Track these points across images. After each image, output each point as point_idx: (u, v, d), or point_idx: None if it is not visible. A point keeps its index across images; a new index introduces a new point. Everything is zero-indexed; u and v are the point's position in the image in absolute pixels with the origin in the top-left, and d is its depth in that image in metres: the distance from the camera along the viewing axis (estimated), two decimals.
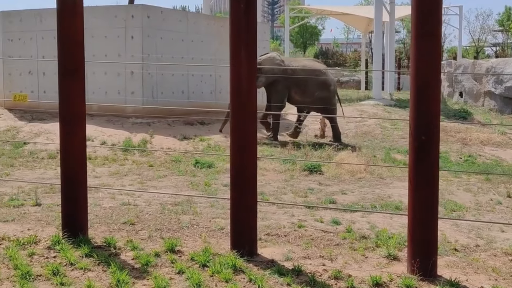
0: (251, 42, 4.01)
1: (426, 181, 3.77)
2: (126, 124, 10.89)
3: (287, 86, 11.24)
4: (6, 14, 12.85)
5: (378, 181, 7.67)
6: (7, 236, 4.45)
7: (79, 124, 4.41)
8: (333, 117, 11.25)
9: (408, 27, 60.02)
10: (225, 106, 11.52)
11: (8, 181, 6.85)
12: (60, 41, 4.35)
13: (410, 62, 3.78)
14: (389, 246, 4.36)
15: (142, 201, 5.94)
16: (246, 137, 4.05)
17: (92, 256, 3.93)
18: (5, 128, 10.66)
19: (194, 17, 13.66)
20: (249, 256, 4.00)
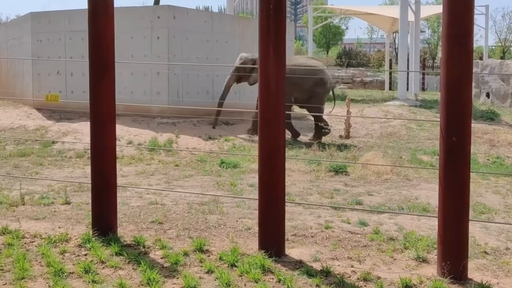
0: (280, 42, 4.02)
1: (457, 183, 3.73)
2: (152, 124, 10.98)
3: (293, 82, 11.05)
4: (35, 15, 13.08)
5: (405, 182, 7.60)
6: (38, 233, 4.53)
7: (109, 124, 4.47)
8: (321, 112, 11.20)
9: (433, 27, 59.36)
10: (249, 107, 11.56)
11: (38, 180, 6.97)
12: (91, 42, 4.41)
13: (441, 62, 3.74)
14: (418, 248, 4.33)
15: (169, 200, 5.99)
16: (274, 137, 4.06)
17: (122, 255, 3.98)
18: (34, 128, 10.84)
19: (218, 17, 13.73)
20: (277, 257, 4.01)
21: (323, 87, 11.24)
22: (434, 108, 16.28)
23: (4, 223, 4.79)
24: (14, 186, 6.58)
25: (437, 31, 60.36)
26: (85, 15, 12.72)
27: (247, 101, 12.68)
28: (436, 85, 32.85)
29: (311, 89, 11.12)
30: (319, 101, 11.23)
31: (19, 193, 5.94)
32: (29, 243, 4.32)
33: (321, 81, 11.20)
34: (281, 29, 4.01)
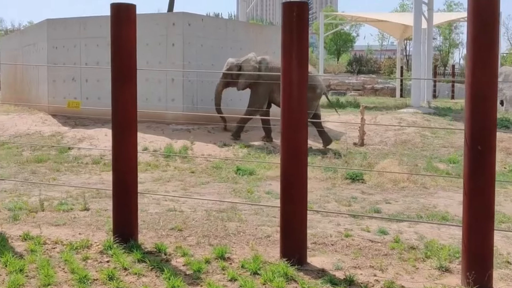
0: (303, 49, 4.02)
1: (481, 192, 3.69)
2: (167, 131, 11.02)
3: (270, 88, 10.96)
4: (51, 22, 13.19)
5: (422, 190, 7.55)
6: (60, 240, 4.55)
7: (131, 130, 4.48)
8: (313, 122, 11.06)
9: (444, 34, 59.21)
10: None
11: (56, 186, 7.00)
12: (114, 48, 4.43)
13: (466, 70, 3.72)
14: (440, 258, 4.29)
15: (187, 207, 5.99)
16: (296, 144, 4.05)
17: (144, 262, 3.98)
18: (50, 134, 10.91)
19: (233, 24, 13.77)
20: (299, 265, 3.99)
21: (311, 92, 10.85)
22: (448, 116, 16.20)
23: (25, 229, 4.82)
24: (32, 192, 6.62)
25: (448, 38, 60.21)
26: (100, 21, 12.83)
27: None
28: (447, 92, 32.69)
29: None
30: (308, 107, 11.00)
31: (38, 199, 5.98)
32: (51, 250, 4.34)
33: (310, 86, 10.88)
34: (304, 36, 4.01)
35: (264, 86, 10.95)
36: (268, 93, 11.04)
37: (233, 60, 11.28)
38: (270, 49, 13.77)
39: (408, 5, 57.19)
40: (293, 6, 3.97)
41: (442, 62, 57.25)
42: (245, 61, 11.16)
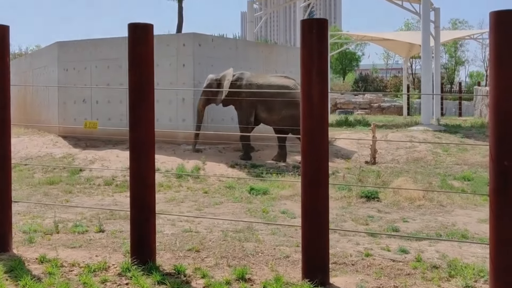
0: (323, 67, 3.98)
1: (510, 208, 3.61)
2: (178, 151, 10.99)
3: (252, 104, 10.79)
4: (61, 44, 13.29)
5: (439, 208, 7.45)
6: (77, 262, 4.48)
7: (148, 151, 4.44)
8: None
9: (450, 52, 59.36)
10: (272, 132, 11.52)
11: (69, 207, 6.95)
12: (132, 69, 4.41)
13: (489, 85, 3.67)
14: (465, 277, 4.19)
15: (202, 228, 5.92)
16: (318, 163, 3.99)
17: (164, 283, 3.91)
18: (61, 155, 10.90)
19: (243, 44, 13.83)
20: (322, 286, 3.90)
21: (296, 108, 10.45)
22: (459, 133, 16.12)
23: (41, 251, 4.76)
24: (46, 214, 6.58)
25: (454, 56, 60.30)
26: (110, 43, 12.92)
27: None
28: (454, 110, 32.63)
29: (281, 110, 10.65)
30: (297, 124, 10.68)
31: (52, 221, 5.93)
32: (69, 272, 4.27)
33: (293, 101, 10.59)
34: (323, 53, 3.97)
35: (246, 102, 10.82)
36: (253, 108, 10.88)
37: (213, 76, 11.13)
38: (280, 69, 13.80)
39: (413, 23, 57.49)
40: (313, 23, 3.95)
41: (449, 80, 57.29)
42: (223, 76, 11.00)
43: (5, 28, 4.84)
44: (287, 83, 10.94)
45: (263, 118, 11.02)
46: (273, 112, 10.76)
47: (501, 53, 3.57)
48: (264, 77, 11.17)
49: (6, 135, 4.85)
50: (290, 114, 10.63)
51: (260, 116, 10.97)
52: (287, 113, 10.65)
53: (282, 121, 10.75)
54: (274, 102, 10.61)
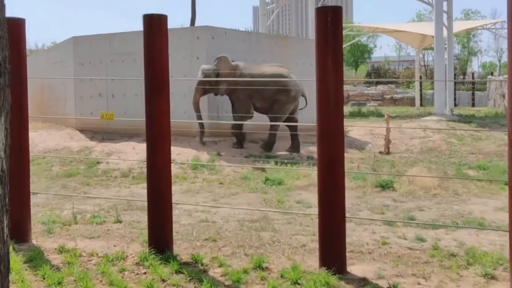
0: (338, 55, 3.97)
1: None
2: (193, 143, 11.03)
3: (250, 94, 10.78)
4: (77, 39, 13.37)
5: (455, 197, 7.41)
6: (95, 252, 4.53)
7: (165, 142, 4.47)
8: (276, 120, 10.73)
9: (462, 42, 58.71)
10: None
11: (87, 199, 7.03)
12: (147, 61, 4.44)
13: (508, 72, 3.64)
14: (484, 265, 4.17)
15: (219, 217, 5.95)
16: (334, 151, 3.99)
17: (182, 273, 3.94)
18: (78, 149, 11.00)
19: (256, 37, 13.81)
20: (339, 274, 3.91)
21: (285, 95, 10.84)
22: (473, 122, 15.99)
23: (60, 241, 4.82)
24: (64, 205, 6.66)
25: (467, 47, 59.68)
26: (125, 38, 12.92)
27: None
28: (467, 100, 32.33)
29: (273, 97, 10.76)
30: (279, 110, 10.82)
31: (70, 212, 6.00)
32: (87, 262, 4.32)
33: (284, 89, 10.76)
34: (338, 42, 3.97)
35: (243, 92, 10.79)
36: (250, 98, 10.86)
37: (209, 67, 11.00)
38: (293, 61, 13.76)
39: (425, 14, 56.97)
40: (327, 11, 3.94)
41: (461, 71, 56.75)
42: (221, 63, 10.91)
43: (21, 21, 4.89)
44: (280, 71, 11.04)
45: (257, 108, 11.02)
46: (266, 101, 10.81)
47: None
48: (258, 67, 11.18)
49: (24, 127, 4.91)
50: (277, 99, 10.76)
51: (255, 105, 10.99)
52: (275, 98, 10.77)
53: (271, 107, 10.84)
54: (268, 91, 10.66)
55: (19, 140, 4.78)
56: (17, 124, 4.83)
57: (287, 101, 10.88)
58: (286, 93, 10.85)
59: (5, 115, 2.15)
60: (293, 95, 10.96)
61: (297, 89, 11.03)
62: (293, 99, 10.99)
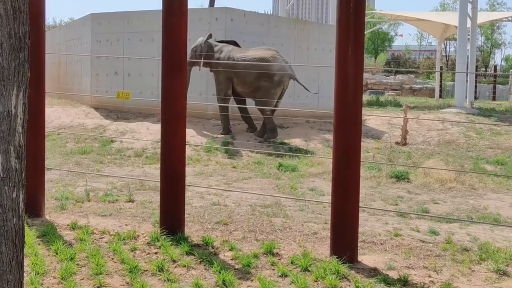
0: (359, 43, 3.90)
1: None
2: (207, 125, 11.01)
3: (229, 77, 10.53)
4: (95, 16, 13.35)
5: (471, 191, 7.32)
6: (107, 230, 4.56)
7: (180, 123, 4.45)
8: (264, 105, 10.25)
9: (486, 34, 57.80)
10: (304, 110, 11.40)
11: (100, 177, 7.06)
12: (166, 40, 4.40)
13: None
14: (497, 260, 4.12)
15: (231, 201, 5.94)
16: (350, 139, 3.94)
17: (192, 254, 3.94)
18: (93, 126, 11.04)
19: (275, 20, 13.67)
20: (350, 263, 3.88)
21: (268, 80, 10.26)
22: (493, 116, 15.75)
23: (72, 218, 4.86)
24: (77, 182, 6.69)
25: (490, 39, 58.75)
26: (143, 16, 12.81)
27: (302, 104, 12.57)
28: (488, 93, 31.88)
29: (255, 82, 10.31)
30: (265, 95, 10.34)
31: (83, 189, 6.03)
32: (99, 239, 4.34)
33: (266, 73, 10.26)
34: (360, 29, 3.89)
35: (223, 74, 10.58)
36: (229, 81, 10.59)
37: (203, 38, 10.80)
38: (312, 45, 13.63)
39: (449, 4, 56.08)
40: None
41: (483, 63, 55.96)
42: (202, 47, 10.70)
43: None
44: (263, 55, 10.48)
45: (240, 92, 10.76)
46: (246, 85, 10.49)
47: None
48: (244, 51, 10.79)
49: (41, 103, 4.92)
50: (258, 85, 10.36)
51: (236, 89, 10.73)
52: (258, 83, 10.37)
53: (253, 92, 10.49)
54: (247, 75, 10.36)
55: (36, 116, 4.78)
56: (34, 99, 4.84)
57: (271, 86, 10.33)
58: (269, 78, 10.29)
59: (24, 90, 2.14)
60: (277, 79, 10.35)
61: (282, 74, 10.42)
62: (277, 84, 10.38)
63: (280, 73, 10.36)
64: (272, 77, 10.33)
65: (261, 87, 10.33)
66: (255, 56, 10.38)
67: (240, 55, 10.45)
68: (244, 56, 10.43)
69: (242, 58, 10.34)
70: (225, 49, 10.72)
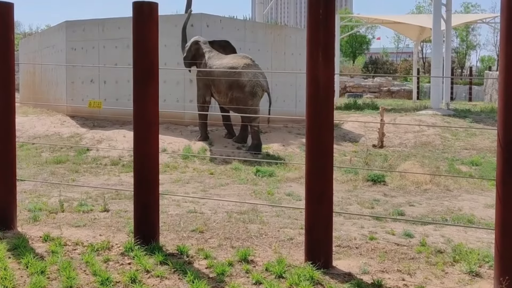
0: (329, 48, 3.91)
1: None
2: (185, 132, 10.97)
3: (206, 84, 10.49)
4: (70, 23, 13.23)
5: (446, 193, 7.40)
6: (80, 241, 4.49)
7: (152, 131, 4.41)
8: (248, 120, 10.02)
9: (461, 36, 58.66)
10: (282, 115, 11.42)
11: (75, 187, 6.97)
12: (136, 47, 4.36)
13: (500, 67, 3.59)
14: (470, 262, 4.16)
15: (207, 209, 5.91)
16: (322, 146, 3.95)
17: (166, 264, 3.90)
18: (69, 135, 10.92)
19: (251, 25, 13.69)
20: (324, 268, 3.88)
21: (240, 91, 9.99)
22: (468, 118, 15.97)
23: (45, 230, 4.78)
24: (52, 192, 6.60)
25: (465, 40, 59.60)
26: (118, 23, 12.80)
27: (280, 109, 12.60)
28: (464, 94, 32.34)
29: (228, 92, 10.12)
30: (245, 108, 9.99)
31: (57, 200, 5.95)
32: (72, 251, 4.28)
33: (236, 84, 9.96)
34: (330, 36, 3.91)
35: (201, 81, 10.55)
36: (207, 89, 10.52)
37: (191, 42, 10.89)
38: (289, 50, 13.67)
39: (424, 7, 56.83)
40: (320, 3, 3.87)
41: (459, 64, 56.74)
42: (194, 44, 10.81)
43: (10, 5, 4.80)
44: (235, 63, 10.20)
45: (217, 100, 10.70)
46: (221, 94, 10.35)
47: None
48: (221, 57, 10.62)
49: (10, 113, 4.84)
50: (235, 97, 10.12)
51: (214, 97, 10.65)
52: (232, 95, 10.15)
53: (230, 103, 10.30)
54: (220, 84, 10.21)
55: (5, 126, 4.72)
56: (3, 109, 4.78)
57: (245, 97, 9.99)
58: (240, 88, 10.00)
59: None
60: (249, 90, 9.99)
61: (254, 83, 10.02)
62: (251, 95, 10.00)
63: (251, 83, 10.00)
64: (242, 88, 10.00)
65: (236, 99, 10.07)
66: (227, 65, 10.18)
67: (217, 62, 10.34)
68: (220, 63, 10.29)
69: (217, 66, 10.21)
70: (208, 54, 10.62)
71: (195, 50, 10.66)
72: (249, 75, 10.02)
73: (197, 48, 10.65)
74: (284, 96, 13.48)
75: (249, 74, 10.02)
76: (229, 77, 9.98)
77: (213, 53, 10.60)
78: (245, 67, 10.10)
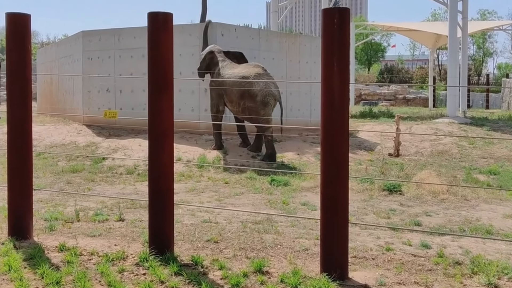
0: (344, 58, 3.89)
1: None
2: (200, 141, 10.99)
3: (219, 93, 10.48)
4: (86, 33, 13.38)
5: (463, 203, 7.30)
6: (95, 251, 4.50)
7: (167, 140, 4.41)
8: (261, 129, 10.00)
9: (478, 43, 58.22)
10: (297, 123, 11.39)
11: (91, 196, 7.00)
12: (151, 57, 4.37)
13: None
14: (488, 274, 4.08)
15: (222, 218, 5.90)
16: (338, 155, 3.92)
17: (181, 275, 3.89)
18: (85, 144, 11.00)
19: (265, 34, 13.71)
20: (340, 280, 3.83)
21: (251, 100, 9.97)
22: (486, 126, 15.78)
23: (61, 239, 4.79)
24: (68, 202, 6.63)
25: (482, 47, 59.15)
26: (134, 33, 12.92)
27: (295, 118, 12.59)
28: (481, 102, 32.04)
29: (240, 102, 10.11)
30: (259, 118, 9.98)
31: (73, 209, 5.97)
32: (87, 261, 4.28)
33: (248, 93, 9.98)
34: (345, 45, 3.89)
35: (214, 90, 10.55)
36: (219, 97, 10.53)
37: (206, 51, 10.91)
38: (303, 58, 13.66)
39: (440, 14, 56.58)
40: (334, 12, 3.86)
41: (476, 72, 56.30)
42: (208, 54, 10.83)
43: (27, 17, 4.86)
44: (247, 73, 10.17)
45: (230, 110, 10.70)
46: (234, 104, 10.32)
47: None
48: (234, 67, 10.59)
49: (27, 123, 4.88)
50: (247, 106, 10.07)
51: (227, 107, 10.64)
52: (244, 104, 10.11)
53: (242, 112, 10.25)
54: (232, 94, 10.20)
55: (22, 135, 4.75)
56: (21, 119, 4.82)
57: (257, 107, 9.95)
58: (251, 98, 9.99)
59: None
60: (260, 99, 9.96)
61: (266, 93, 10.00)
62: (263, 104, 9.96)
63: (262, 93, 9.96)
64: (254, 97, 9.97)
65: (248, 108, 10.04)
66: (239, 74, 10.16)
67: (229, 72, 10.34)
68: (232, 73, 10.28)
69: (229, 76, 10.21)
70: (221, 63, 10.61)
71: (209, 59, 10.72)
72: (261, 85, 9.97)
73: (212, 57, 10.70)
74: (299, 104, 13.48)
75: (260, 83, 9.97)
76: (240, 87, 9.94)
77: (227, 62, 10.60)
78: (256, 77, 10.06)
